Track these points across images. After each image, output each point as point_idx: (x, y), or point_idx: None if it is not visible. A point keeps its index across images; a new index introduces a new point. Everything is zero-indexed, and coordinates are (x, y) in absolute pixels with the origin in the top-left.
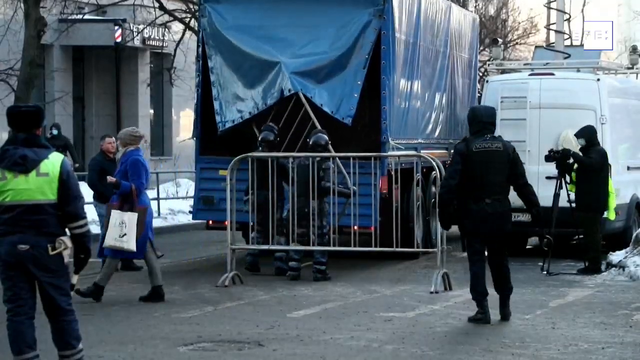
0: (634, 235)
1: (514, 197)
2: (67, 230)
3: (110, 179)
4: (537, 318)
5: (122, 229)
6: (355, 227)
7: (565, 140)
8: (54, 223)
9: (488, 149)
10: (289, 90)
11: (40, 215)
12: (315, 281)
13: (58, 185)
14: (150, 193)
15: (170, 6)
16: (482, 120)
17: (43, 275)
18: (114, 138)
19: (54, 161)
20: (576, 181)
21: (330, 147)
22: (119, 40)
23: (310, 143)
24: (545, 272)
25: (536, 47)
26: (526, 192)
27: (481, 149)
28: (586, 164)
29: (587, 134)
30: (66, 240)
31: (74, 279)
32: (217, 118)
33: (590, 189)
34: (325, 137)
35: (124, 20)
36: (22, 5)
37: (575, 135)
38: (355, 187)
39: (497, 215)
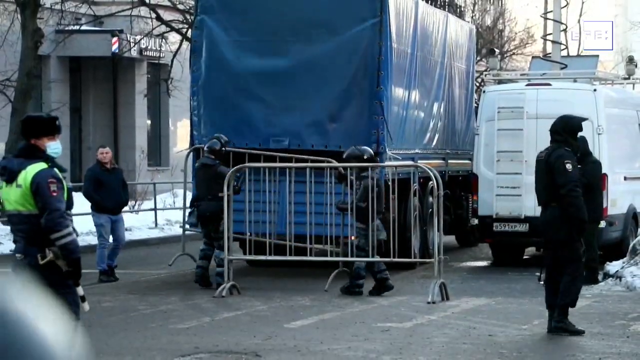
0: (631, 245)
1: (500, 207)
2: None
3: None
4: (535, 328)
5: None
6: (353, 237)
7: None
8: (42, 233)
9: (539, 158)
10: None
11: (26, 225)
12: (379, 295)
13: (33, 197)
14: (148, 203)
15: (167, 17)
16: (549, 129)
17: (42, 285)
18: (108, 148)
19: (27, 172)
20: None
21: (366, 159)
22: (115, 50)
23: (344, 156)
24: (542, 282)
25: (533, 57)
26: (563, 204)
27: (537, 159)
28: (585, 184)
29: (581, 145)
30: (56, 250)
31: (79, 290)
32: (196, 133)
33: (587, 200)
34: (362, 150)
35: (121, 31)
36: (19, 16)
37: None
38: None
39: (545, 223)
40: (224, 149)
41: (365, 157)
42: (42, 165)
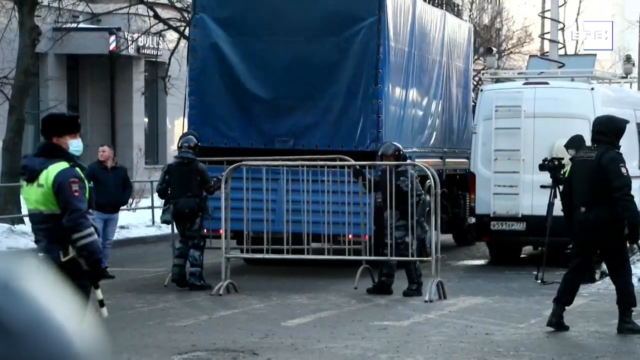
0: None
1: (497, 206)
2: None
3: None
4: (532, 327)
5: None
6: (350, 236)
7: (559, 150)
8: (63, 231)
9: (583, 158)
10: (303, 146)
11: (47, 224)
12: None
13: (55, 197)
14: (145, 201)
15: (164, 15)
16: (592, 129)
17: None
18: (106, 147)
19: (49, 171)
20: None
21: (401, 155)
22: (113, 48)
23: (379, 153)
24: (539, 281)
25: (530, 56)
26: (619, 207)
27: (578, 159)
28: None
29: (578, 145)
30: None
31: (98, 294)
32: (194, 129)
33: None
34: (396, 145)
35: (119, 29)
36: (16, 14)
37: (565, 146)
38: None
39: (589, 225)
40: (198, 143)
41: (400, 152)
42: (63, 165)
